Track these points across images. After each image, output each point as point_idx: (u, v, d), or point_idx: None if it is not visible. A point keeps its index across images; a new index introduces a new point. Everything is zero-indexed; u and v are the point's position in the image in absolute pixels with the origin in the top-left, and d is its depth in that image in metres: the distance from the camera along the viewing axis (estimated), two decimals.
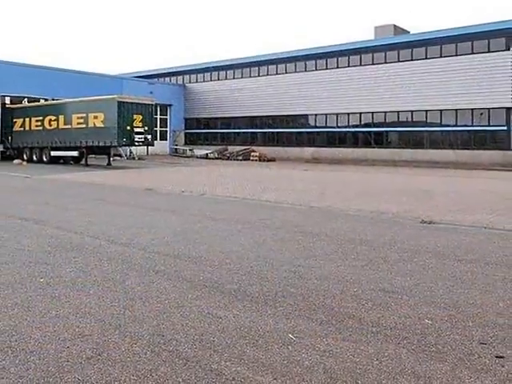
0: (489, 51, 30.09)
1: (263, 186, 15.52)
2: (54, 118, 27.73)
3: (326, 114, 37.06)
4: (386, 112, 34.17)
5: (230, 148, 40.11)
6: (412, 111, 33.15)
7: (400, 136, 33.97)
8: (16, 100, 31.78)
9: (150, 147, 28.36)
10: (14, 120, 30.51)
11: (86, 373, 3.12)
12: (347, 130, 36.16)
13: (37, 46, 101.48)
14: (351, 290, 4.94)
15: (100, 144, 25.94)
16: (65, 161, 28.77)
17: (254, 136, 41.35)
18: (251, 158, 35.69)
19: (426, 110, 32.51)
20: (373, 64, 34.62)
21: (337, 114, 36.46)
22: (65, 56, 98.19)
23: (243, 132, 42.08)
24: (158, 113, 41.88)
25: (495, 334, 3.82)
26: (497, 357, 3.42)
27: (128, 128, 24.97)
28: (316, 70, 37.36)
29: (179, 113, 45.64)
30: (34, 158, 29.09)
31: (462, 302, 4.59)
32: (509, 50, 29.51)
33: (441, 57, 31.77)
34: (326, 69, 36.84)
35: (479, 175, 22.52)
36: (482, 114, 30.65)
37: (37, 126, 28.76)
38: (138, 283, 5.08)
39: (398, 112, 33.72)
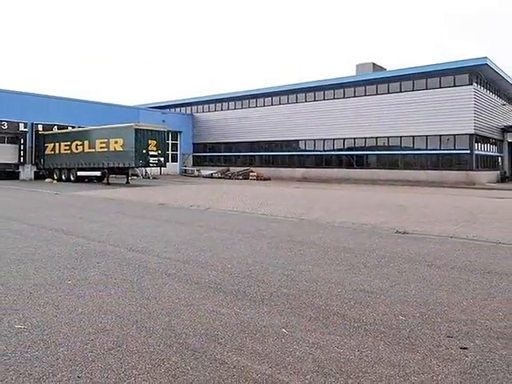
0: (454, 85, 30.37)
1: (260, 202, 15.54)
2: (80, 142, 27.84)
3: (314, 140, 37.22)
4: (366, 138, 34.34)
5: (232, 169, 40.23)
6: (388, 137, 33.33)
7: (378, 158, 34.08)
8: (47, 127, 31.93)
9: (162, 168, 28.45)
10: (46, 145, 30.62)
11: (108, 362, 3.14)
12: (333, 153, 36.28)
13: (65, 81, 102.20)
14: (336, 290, 4.96)
15: (120, 165, 26.02)
16: (89, 180, 28.77)
17: (253, 158, 41.44)
18: (250, 178, 35.77)
19: (401, 136, 32.70)
20: (355, 96, 34.90)
21: (324, 140, 36.64)
22: (90, 89, 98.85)
23: (243, 155, 42.19)
24: (170, 138, 42.02)
25: (460, 329, 3.85)
26: (461, 348, 3.45)
27: (144, 151, 25.09)
28: (306, 101, 37.65)
29: (188, 138, 45.78)
30: (63, 177, 29.12)
31: (431, 301, 4.62)
32: (471, 84, 29.83)
33: (413, 90, 32.03)
34: (315, 100, 37.12)
35: (446, 192, 22.57)
36: (448, 139, 30.83)
37: (65, 149, 28.85)
38: (152, 285, 5.09)
39: (377, 138, 33.89)
